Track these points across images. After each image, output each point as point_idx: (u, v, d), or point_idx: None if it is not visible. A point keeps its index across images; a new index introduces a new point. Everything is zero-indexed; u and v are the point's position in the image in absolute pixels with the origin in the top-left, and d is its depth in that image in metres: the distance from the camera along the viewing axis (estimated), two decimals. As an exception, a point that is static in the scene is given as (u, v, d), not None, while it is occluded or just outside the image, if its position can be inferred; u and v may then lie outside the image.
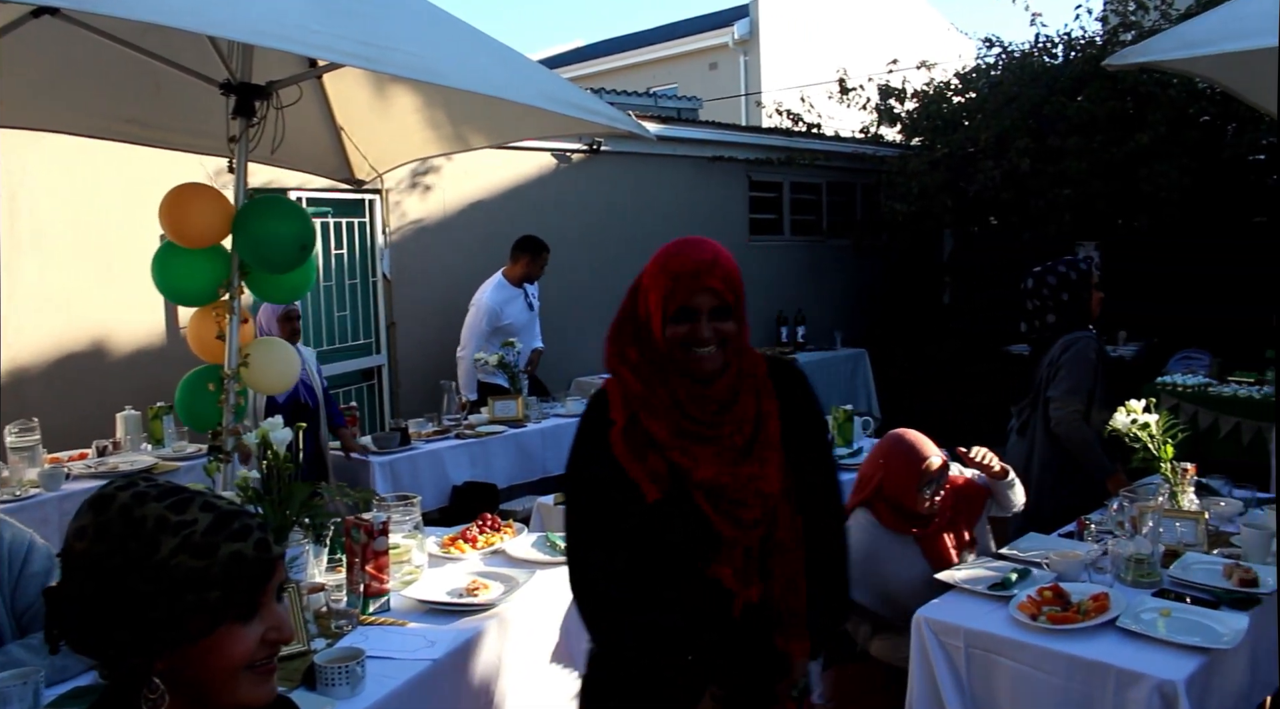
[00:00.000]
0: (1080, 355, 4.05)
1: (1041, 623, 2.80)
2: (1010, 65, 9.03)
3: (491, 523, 3.39)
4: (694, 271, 1.95)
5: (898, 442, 3.32)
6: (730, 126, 9.73)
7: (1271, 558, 3.22)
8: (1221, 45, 2.53)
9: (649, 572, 1.95)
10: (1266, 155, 7.55)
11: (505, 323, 6.49)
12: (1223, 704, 2.74)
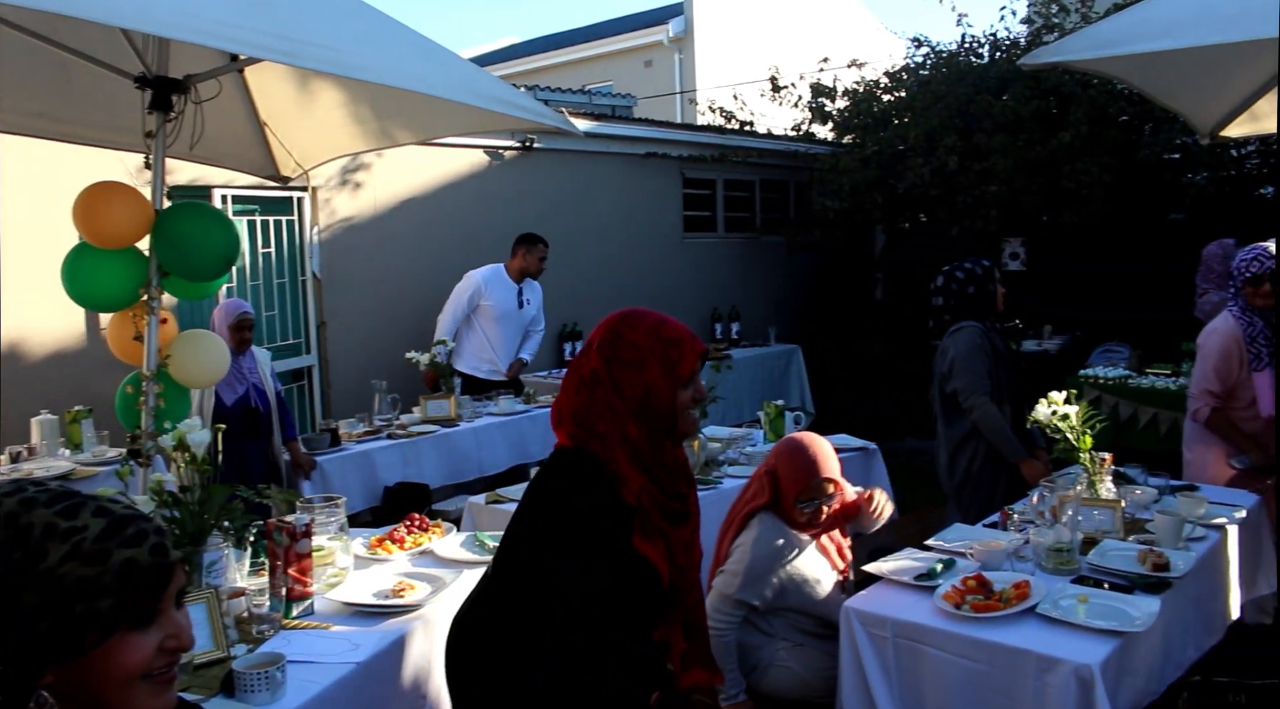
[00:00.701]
0: (968, 344, 4.25)
1: (965, 612, 2.85)
2: (938, 65, 9.18)
3: (420, 523, 3.36)
4: (690, 336, 2.13)
5: (796, 449, 3.24)
6: (664, 124, 9.76)
7: (1183, 543, 3.32)
8: (1129, 46, 2.59)
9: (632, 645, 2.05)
10: (1181, 154, 7.77)
11: (486, 303, 6.55)
12: (1136, 685, 2.81)
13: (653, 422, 2.06)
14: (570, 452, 2.08)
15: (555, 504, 2.03)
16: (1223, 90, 3.73)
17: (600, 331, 2.12)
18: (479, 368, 6.71)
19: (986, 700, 2.74)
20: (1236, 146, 7.62)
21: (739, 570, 3.11)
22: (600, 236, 8.62)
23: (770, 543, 3.15)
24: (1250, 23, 2.38)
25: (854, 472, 5.11)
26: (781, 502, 3.20)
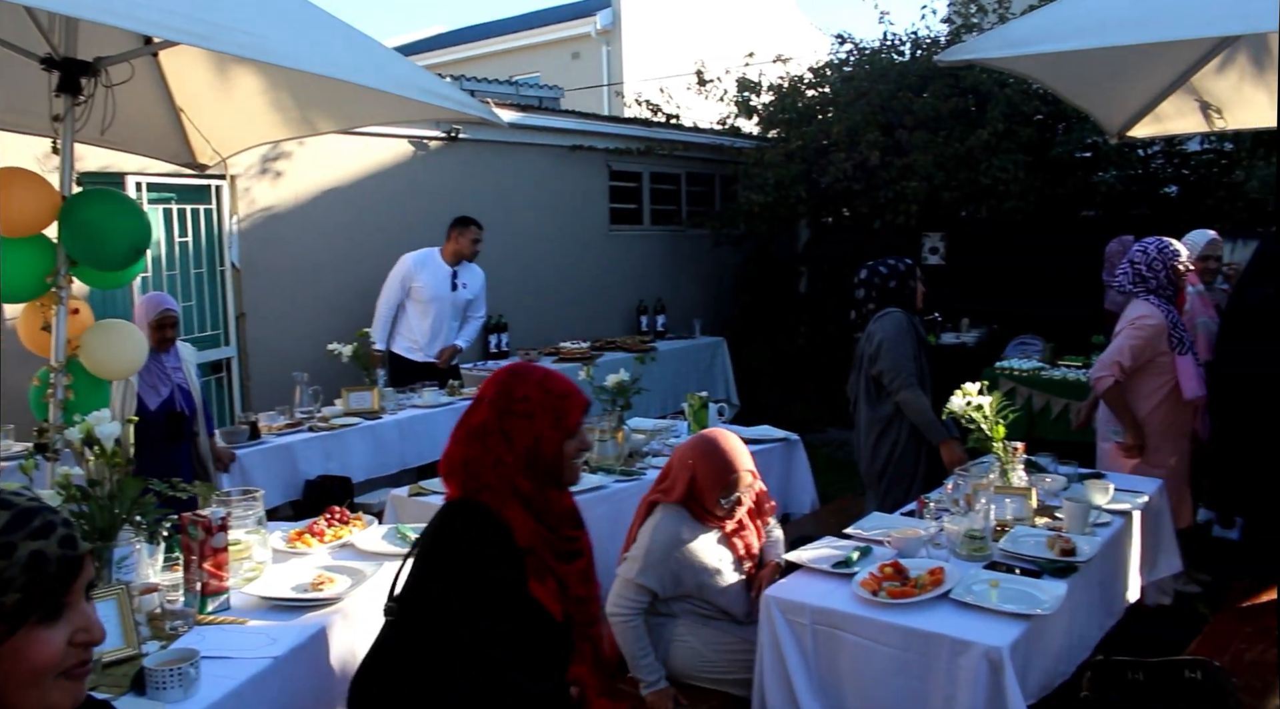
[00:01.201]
0: (895, 328, 4.37)
1: (882, 598, 2.92)
2: (861, 62, 9.32)
3: (340, 516, 3.32)
4: (575, 390, 2.27)
5: (712, 448, 3.22)
6: (590, 116, 9.74)
7: (1090, 529, 3.43)
8: (1038, 46, 2.67)
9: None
10: (1092, 153, 8.01)
11: (416, 284, 6.60)
12: (1044, 665, 2.91)
13: (541, 472, 2.18)
14: (461, 503, 2.16)
15: (451, 556, 2.09)
16: (1129, 92, 3.86)
17: (491, 385, 2.22)
18: (410, 350, 6.72)
19: (901, 684, 2.80)
20: (1143, 146, 7.87)
21: (639, 555, 3.14)
22: (527, 228, 8.59)
23: (670, 530, 3.16)
24: (1153, 26, 2.47)
25: (776, 463, 5.18)
26: (698, 497, 3.20)
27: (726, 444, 3.22)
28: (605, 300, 9.37)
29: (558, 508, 2.24)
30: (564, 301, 8.89)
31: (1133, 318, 4.40)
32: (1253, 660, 3.45)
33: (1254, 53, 3.71)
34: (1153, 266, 4.43)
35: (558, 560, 2.19)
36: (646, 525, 3.19)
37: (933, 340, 8.08)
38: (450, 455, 2.19)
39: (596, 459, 4.58)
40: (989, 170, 7.90)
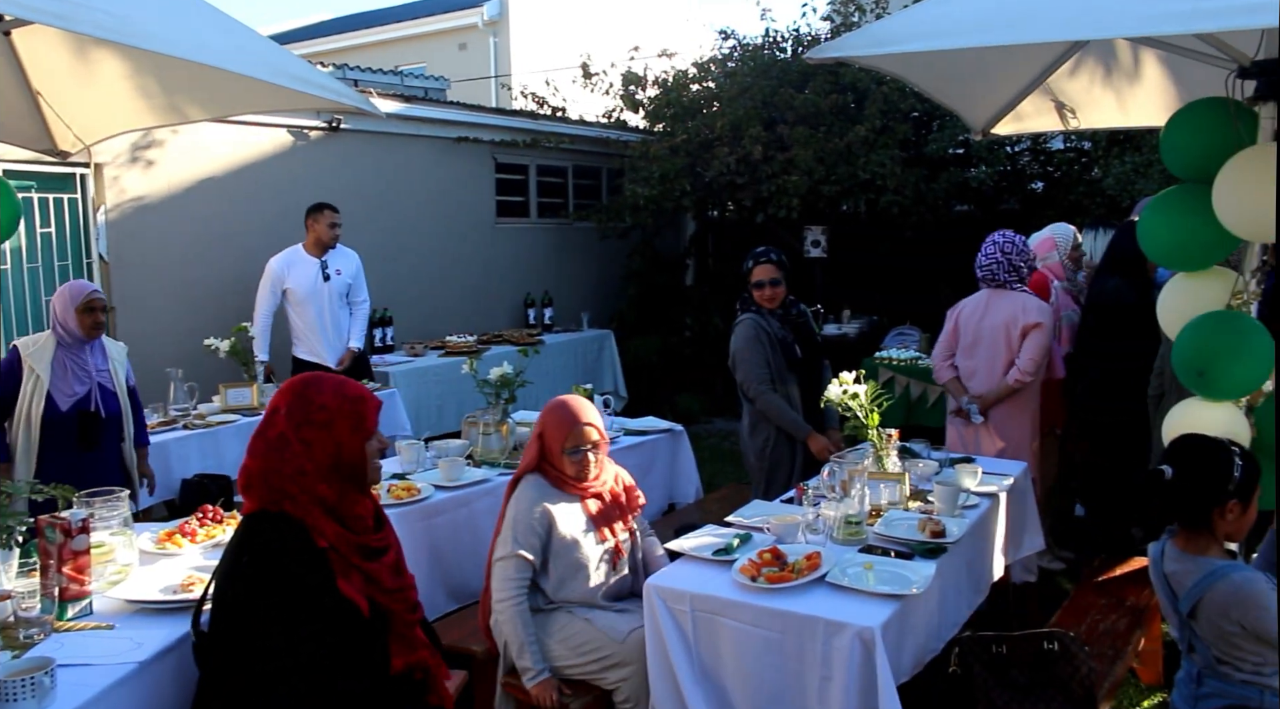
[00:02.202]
0: (742, 338, 4.56)
1: (760, 583, 2.98)
2: (744, 57, 9.45)
3: (213, 515, 3.23)
4: (369, 393, 2.33)
5: (556, 405, 3.32)
6: (476, 107, 9.63)
7: (959, 511, 3.57)
8: (903, 45, 2.75)
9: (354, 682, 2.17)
10: (964, 150, 8.30)
11: (290, 286, 6.46)
12: (915, 643, 3.02)
13: (344, 476, 2.22)
14: (261, 516, 2.17)
15: (256, 569, 2.11)
16: (991, 91, 4.02)
17: (285, 397, 2.23)
18: (310, 352, 6.60)
19: (780, 666, 2.88)
20: (1010, 144, 8.20)
21: (506, 530, 3.17)
22: (412, 221, 8.46)
23: (529, 496, 3.19)
24: (1009, 29, 2.58)
25: (661, 453, 5.24)
26: (549, 459, 3.26)
27: (571, 401, 3.31)
28: (492, 294, 9.30)
29: (360, 510, 2.27)
30: (450, 295, 8.80)
31: (1038, 314, 4.58)
32: (1106, 630, 3.64)
33: (1102, 57, 3.91)
34: (1024, 257, 4.68)
35: (363, 558, 2.23)
36: (511, 500, 3.24)
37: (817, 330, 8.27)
38: (248, 469, 2.19)
39: (481, 452, 4.56)
40: (867, 165, 8.11)
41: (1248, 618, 2.25)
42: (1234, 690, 2.32)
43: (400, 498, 3.93)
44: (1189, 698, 2.43)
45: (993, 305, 4.74)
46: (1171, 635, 2.51)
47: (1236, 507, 2.32)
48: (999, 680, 3.01)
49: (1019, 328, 4.60)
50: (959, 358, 4.89)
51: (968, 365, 4.84)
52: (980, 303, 4.82)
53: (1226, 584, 2.27)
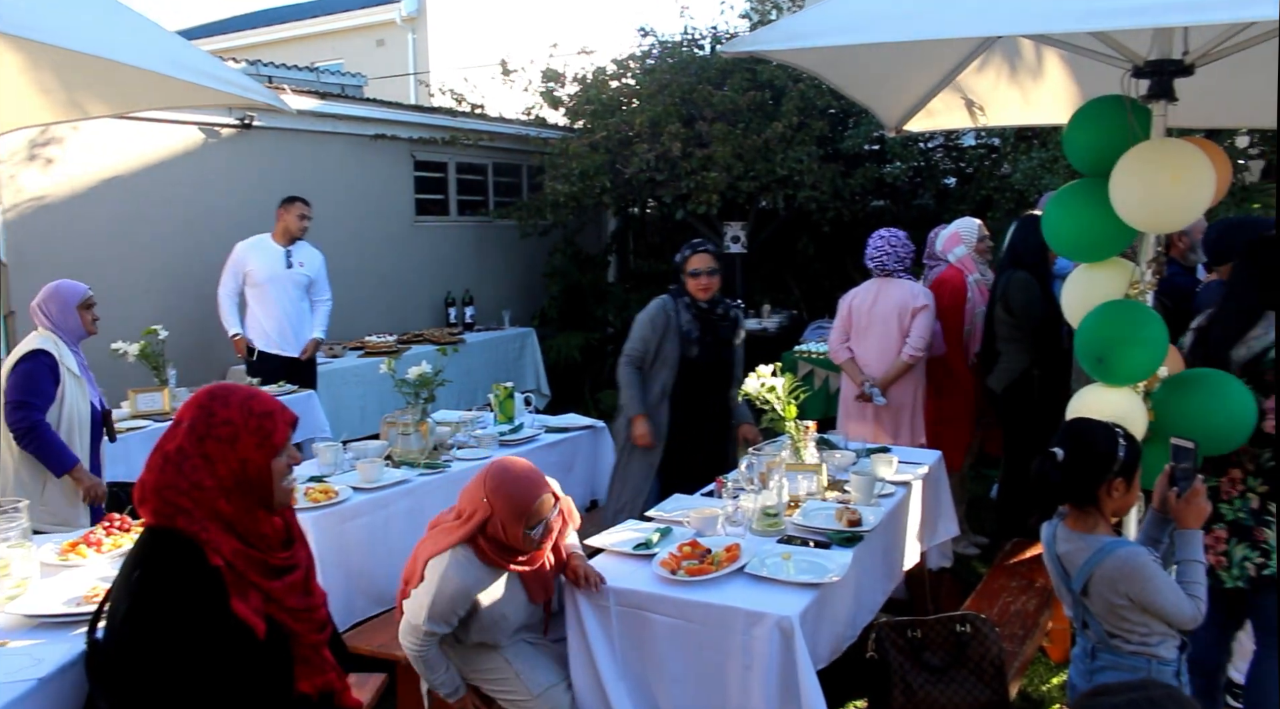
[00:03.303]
0: (643, 313, 4.69)
1: (680, 576, 3.01)
2: (663, 54, 9.49)
3: (120, 524, 3.14)
4: (280, 408, 2.21)
5: (507, 480, 2.88)
6: (393, 104, 9.51)
7: (875, 500, 3.64)
8: (814, 40, 2.80)
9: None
10: (879, 146, 8.46)
11: (250, 268, 6.54)
12: (833, 630, 3.08)
13: (248, 494, 2.13)
14: (156, 532, 2.09)
15: (143, 590, 2.03)
16: (903, 88, 4.09)
17: (190, 409, 2.15)
18: (268, 342, 6.59)
19: (702, 658, 2.90)
20: (924, 141, 8.38)
21: (425, 601, 2.86)
22: (328, 220, 8.29)
23: (458, 580, 2.85)
24: (920, 23, 2.64)
25: (583, 450, 5.24)
26: (492, 538, 2.88)
27: (520, 470, 2.93)
28: (412, 293, 9.19)
29: (265, 529, 2.18)
30: (369, 295, 8.67)
31: (924, 304, 5.05)
32: (1017, 611, 3.75)
33: (1008, 56, 4.01)
34: (906, 249, 5.21)
35: (264, 576, 2.14)
36: (434, 567, 2.88)
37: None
38: (143, 482, 2.10)
39: (400, 453, 4.51)
40: (785, 162, 8.21)
41: (1134, 589, 2.34)
42: (1125, 662, 2.41)
43: (317, 501, 3.86)
44: (1084, 672, 2.52)
45: (883, 293, 5.18)
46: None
47: (1122, 485, 2.42)
48: (914, 663, 3.08)
49: (909, 311, 5.04)
50: (853, 342, 5.30)
51: (862, 348, 5.24)
52: (871, 291, 5.26)
53: (1113, 559, 2.36)
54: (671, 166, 8.49)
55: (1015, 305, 4.82)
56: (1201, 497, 2.48)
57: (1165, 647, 2.41)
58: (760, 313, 8.76)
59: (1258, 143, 6.92)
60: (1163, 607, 2.34)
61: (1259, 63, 3.39)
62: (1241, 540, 3.09)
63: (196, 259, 7.19)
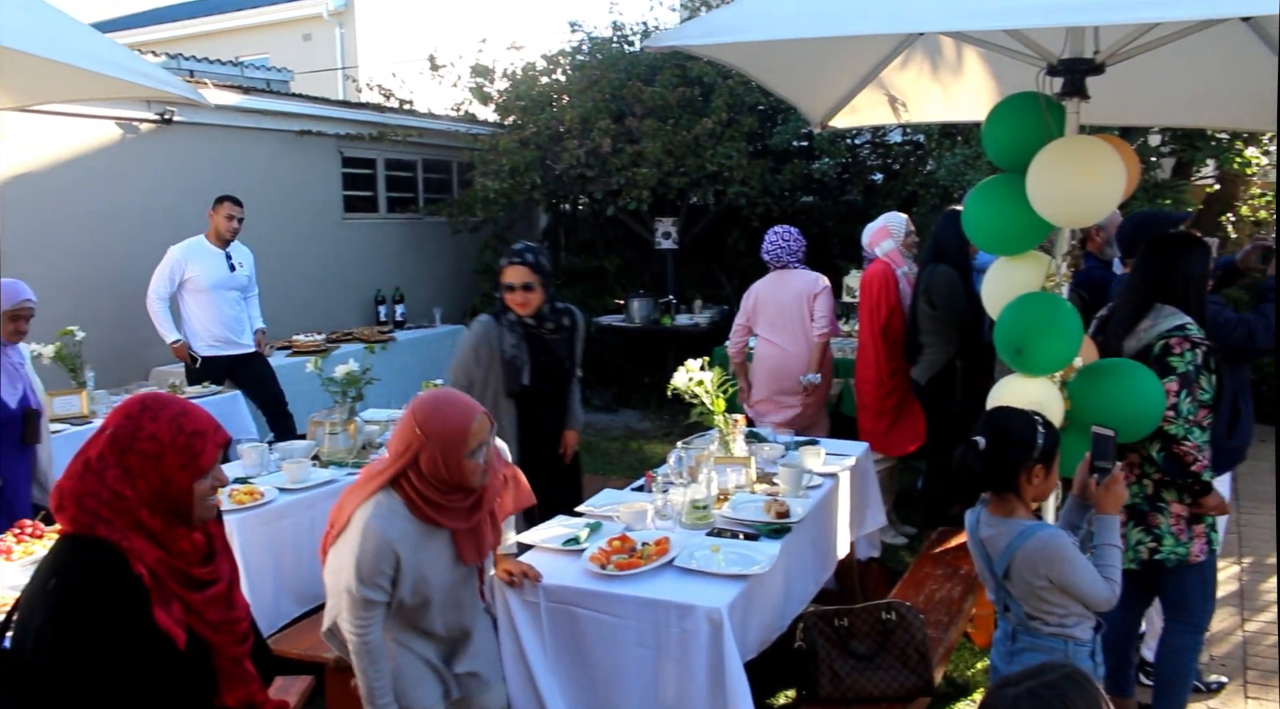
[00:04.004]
0: (464, 341, 4.20)
1: (610, 571, 3.01)
2: (593, 50, 9.48)
3: (33, 531, 3.05)
4: (213, 428, 2.13)
5: (439, 404, 2.60)
6: (320, 100, 9.35)
7: (803, 492, 3.68)
8: (737, 35, 2.82)
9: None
10: (808, 142, 8.55)
11: (191, 275, 6.36)
12: (762, 621, 3.11)
13: (168, 510, 2.08)
14: (72, 539, 2.03)
15: (61, 598, 1.97)
16: (827, 84, 4.14)
17: (118, 417, 2.08)
18: (216, 346, 6.47)
19: (635, 652, 2.91)
20: (851, 137, 8.48)
21: (349, 563, 2.53)
22: (253, 217, 8.05)
23: (379, 531, 2.53)
24: (843, 19, 2.67)
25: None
26: (448, 470, 2.55)
27: (450, 394, 2.67)
28: (341, 291, 9.06)
29: (184, 545, 2.12)
30: (297, 293, 8.53)
31: (822, 287, 5.53)
32: (942, 598, 3.83)
33: (929, 53, 4.08)
34: (798, 242, 5.63)
35: (186, 588, 2.09)
36: (358, 517, 2.57)
37: (668, 322, 8.39)
38: (60, 489, 2.03)
39: (328, 452, 4.46)
40: (714, 157, 8.26)
41: (1054, 571, 2.41)
42: (1043, 643, 2.48)
43: (242, 502, 3.80)
44: (1005, 654, 2.58)
45: (785, 282, 5.57)
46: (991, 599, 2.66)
47: (1041, 471, 2.49)
48: (841, 651, 3.13)
49: (810, 296, 5.47)
50: (766, 330, 5.64)
51: (782, 338, 5.56)
52: (772, 283, 5.64)
53: (1034, 541, 2.43)
54: (602, 163, 8.49)
55: (938, 299, 4.91)
56: (1120, 484, 2.56)
57: (1081, 628, 2.48)
58: (692, 308, 8.80)
59: (1168, 141, 7.13)
60: (1080, 588, 2.41)
61: (1170, 64, 3.51)
62: (1137, 524, 3.20)
63: (115, 257, 7.01)
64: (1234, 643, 4.14)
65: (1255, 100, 4.02)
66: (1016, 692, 1.49)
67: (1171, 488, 3.16)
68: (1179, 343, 3.07)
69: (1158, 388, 3.02)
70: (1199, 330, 3.10)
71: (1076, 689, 1.48)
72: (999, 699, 1.51)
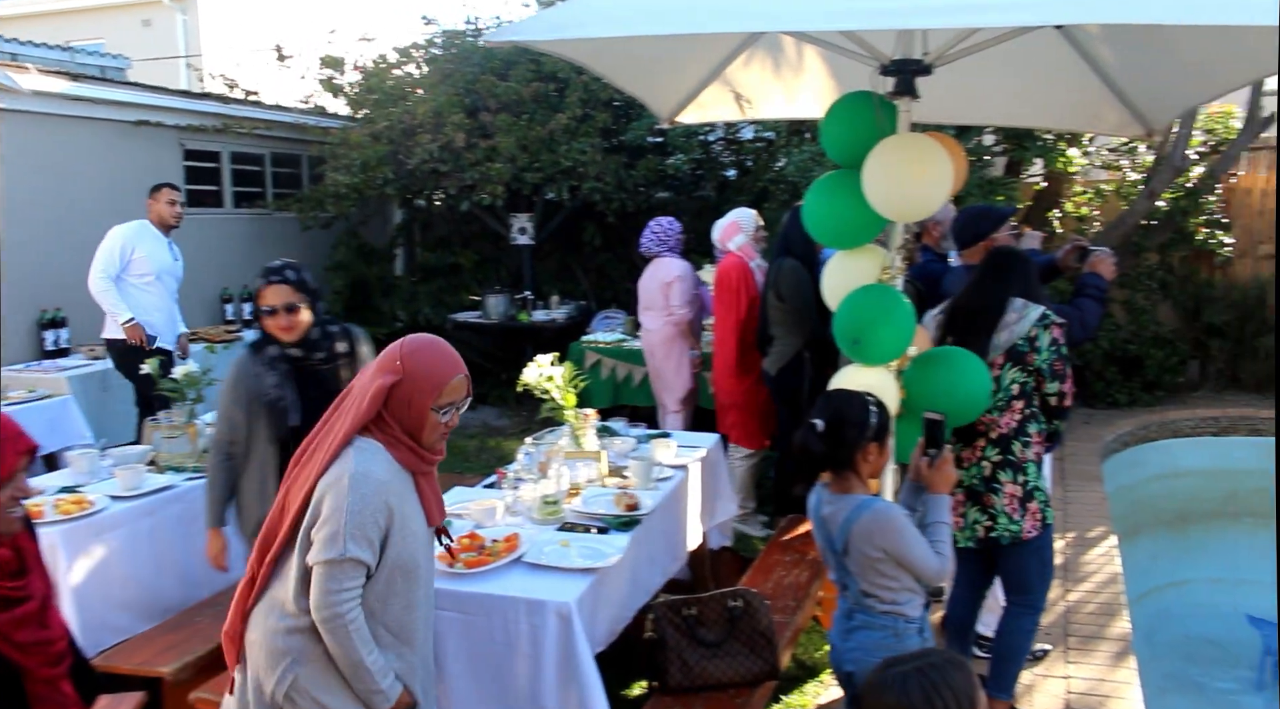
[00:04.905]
0: (226, 381, 3.57)
1: (459, 569, 2.99)
2: (446, 44, 9.33)
3: None
4: (15, 434, 2.00)
5: (428, 344, 2.39)
6: (159, 89, 8.92)
7: (653, 484, 3.72)
8: (577, 30, 2.82)
9: None
10: (662, 138, 8.62)
11: (140, 255, 6.18)
12: (611, 614, 3.13)
13: None
14: None
15: None
16: (674, 80, 4.19)
17: None
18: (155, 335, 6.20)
19: (487, 651, 2.90)
20: (704, 133, 8.60)
21: (340, 521, 2.21)
22: (85, 211, 7.71)
23: (372, 472, 2.27)
24: (683, 17, 2.70)
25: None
26: (399, 418, 2.34)
27: (442, 343, 2.44)
28: (185, 288, 8.62)
29: None
30: (135, 291, 8.12)
31: (677, 274, 6.08)
32: (790, 583, 3.93)
33: (771, 51, 4.18)
34: (669, 232, 6.14)
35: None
36: (339, 467, 2.27)
37: (525, 319, 8.35)
38: None
39: (166, 458, 4.28)
40: (569, 153, 8.25)
41: (888, 542, 2.52)
42: (876, 621, 2.59)
43: (69, 513, 3.61)
44: (842, 632, 2.68)
45: (652, 271, 6.19)
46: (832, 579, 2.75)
47: (875, 448, 2.60)
48: (690, 640, 3.18)
49: (666, 283, 6.05)
50: (640, 316, 6.34)
51: (646, 321, 6.25)
52: (646, 272, 6.25)
53: (869, 513, 2.54)
54: (456, 158, 8.37)
55: (786, 291, 5.04)
56: (949, 465, 2.69)
57: (912, 605, 2.59)
58: (549, 304, 8.78)
59: (1001, 141, 7.49)
60: (913, 560, 2.52)
61: (999, 68, 3.69)
62: (974, 505, 3.37)
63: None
64: (1057, 613, 4.39)
65: (1072, 103, 4.27)
66: (904, 671, 1.68)
67: (1007, 468, 3.33)
68: (1057, 328, 3.30)
69: (985, 374, 3.18)
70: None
71: (957, 670, 1.69)
72: (887, 678, 1.69)
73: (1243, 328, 8.53)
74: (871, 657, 2.48)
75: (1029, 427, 3.34)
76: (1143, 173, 8.20)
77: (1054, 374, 3.30)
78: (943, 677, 1.67)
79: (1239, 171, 8.61)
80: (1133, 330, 8.29)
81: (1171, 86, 3.84)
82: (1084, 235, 5.37)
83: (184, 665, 3.31)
